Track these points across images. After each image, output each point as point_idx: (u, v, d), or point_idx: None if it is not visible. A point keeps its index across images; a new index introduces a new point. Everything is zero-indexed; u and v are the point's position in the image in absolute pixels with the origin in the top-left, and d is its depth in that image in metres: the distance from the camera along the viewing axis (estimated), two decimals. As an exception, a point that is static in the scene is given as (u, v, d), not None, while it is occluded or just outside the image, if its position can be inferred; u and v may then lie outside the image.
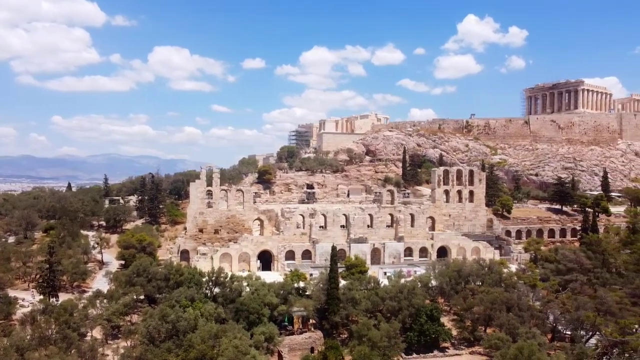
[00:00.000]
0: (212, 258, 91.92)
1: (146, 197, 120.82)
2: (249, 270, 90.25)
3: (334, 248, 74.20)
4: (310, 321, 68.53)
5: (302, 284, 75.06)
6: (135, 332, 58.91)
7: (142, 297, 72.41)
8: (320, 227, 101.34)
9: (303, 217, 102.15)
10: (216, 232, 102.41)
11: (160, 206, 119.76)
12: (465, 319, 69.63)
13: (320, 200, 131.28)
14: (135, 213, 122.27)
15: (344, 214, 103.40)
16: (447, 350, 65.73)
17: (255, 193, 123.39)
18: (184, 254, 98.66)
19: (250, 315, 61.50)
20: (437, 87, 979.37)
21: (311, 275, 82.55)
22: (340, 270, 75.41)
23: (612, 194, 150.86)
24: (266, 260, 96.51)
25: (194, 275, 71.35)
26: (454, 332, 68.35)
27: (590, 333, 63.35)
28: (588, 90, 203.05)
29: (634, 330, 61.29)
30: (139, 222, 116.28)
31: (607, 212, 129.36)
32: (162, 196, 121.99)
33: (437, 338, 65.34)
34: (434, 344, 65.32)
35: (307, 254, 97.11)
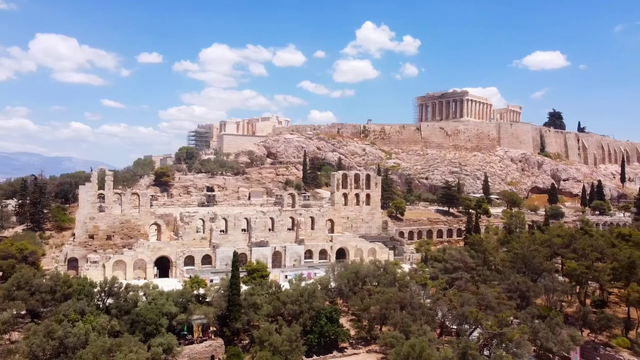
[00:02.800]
0: (104, 266, 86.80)
1: (28, 201, 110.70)
2: (145, 278, 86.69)
3: (235, 253, 73.59)
4: (211, 329, 67.40)
5: (202, 291, 73.46)
6: (16, 351, 54.02)
7: (23, 312, 66.26)
8: (221, 231, 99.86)
9: (203, 221, 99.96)
10: (109, 238, 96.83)
11: (45, 211, 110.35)
12: (363, 319, 72.65)
13: (220, 203, 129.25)
14: (14, 219, 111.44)
15: (246, 218, 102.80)
16: (345, 350, 68.10)
17: (152, 196, 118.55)
18: (72, 263, 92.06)
19: (147, 326, 59.09)
20: (337, 90, 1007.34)
21: (211, 281, 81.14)
22: (241, 275, 74.99)
23: (492, 196, 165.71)
24: (164, 266, 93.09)
25: (84, 285, 66.80)
26: (352, 332, 70.95)
27: (473, 327, 68.91)
28: (472, 100, 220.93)
29: (510, 322, 67.92)
30: (19, 228, 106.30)
31: (487, 214, 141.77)
32: (46, 200, 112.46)
33: (336, 339, 67.46)
34: (333, 344, 67.37)
35: (207, 259, 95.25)
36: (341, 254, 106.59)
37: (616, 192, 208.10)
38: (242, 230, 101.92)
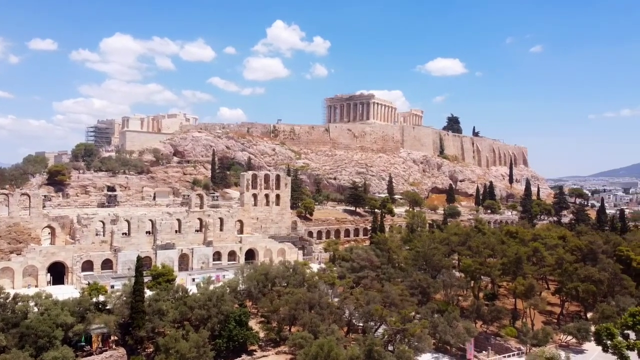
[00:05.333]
0: (-12, 274, 78.96)
1: None
2: (36, 286, 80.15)
3: (139, 258, 70.34)
4: (112, 338, 63.86)
5: (102, 298, 69.29)
6: None
7: None
8: (123, 233, 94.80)
9: (103, 224, 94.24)
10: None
11: None
12: (272, 321, 72.69)
13: (123, 204, 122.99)
14: None
15: (150, 219, 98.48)
16: (254, 352, 67.73)
17: (45, 196, 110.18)
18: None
19: (39, 339, 54.64)
20: (247, 87, 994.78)
21: (112, 287, 76.84)
22: (146, 279, 71.76)
23: (396, 196, 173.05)
24: (59, 273, 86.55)
25: (-36, 297, 60.50)
26: (262, 334, 70.69)
27: (379, 324, 71.67)
28: (378, 103, 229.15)
29: (413, 317, 71.50)
30: None
31: (391, 213, 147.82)
32: None
33: (245, 342, 66.94)
34: (242, 348, 66.78)
35: (108, 264, 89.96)
36: (250, 255, 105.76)
37: (505, 192, 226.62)
38: (147, 232, 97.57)
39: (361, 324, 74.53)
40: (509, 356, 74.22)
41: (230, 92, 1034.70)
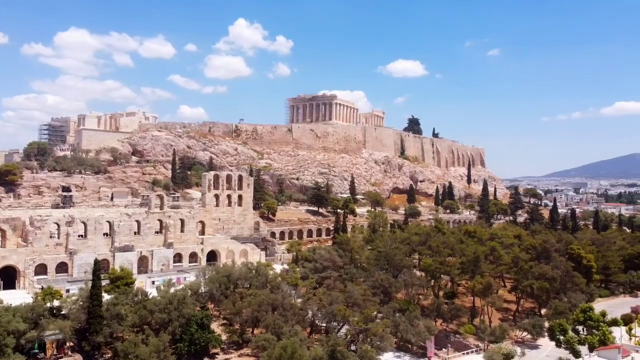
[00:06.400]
0: None
1: None
2: (-15, 291, 76.68)
3: (96, 261, 68.23)
4: (68, 344, 61.87)
5: (57, 303, 66.90)
6: None
7: None
8: (79, 236, 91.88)
9: (58, 225, 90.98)
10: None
11: None
12: (235, 323, 72.12)
13: (79, 205, 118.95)
14: None
15: (108, 221, 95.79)
16: (217, 355, 67.10)
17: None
18: None
19: (-10, 347, 52.41)
20: (208, 85, 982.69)
21: (68, 291, 74.34)
22: (103, 283, 69.82)
23: (358, 196, 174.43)
24: (10, 277, 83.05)
25: None
26: (224, 337, 70.03)
27: (342, 324, 72.19)
28: (340, 104, 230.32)
29: (375, 317, 72.33)
30: None
31: (354, 213, 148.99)
32: None
33: (207, 345, 66.13)
34: (204, 351, 65.95)
35: (63, 267, 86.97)
36: (212, 256, 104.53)
37: (464, 192, 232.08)
38: (104, 234, 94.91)
39: (324, 325, 74.79)
40: (467, 353, 76.18)
41: (191, 90, 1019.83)
